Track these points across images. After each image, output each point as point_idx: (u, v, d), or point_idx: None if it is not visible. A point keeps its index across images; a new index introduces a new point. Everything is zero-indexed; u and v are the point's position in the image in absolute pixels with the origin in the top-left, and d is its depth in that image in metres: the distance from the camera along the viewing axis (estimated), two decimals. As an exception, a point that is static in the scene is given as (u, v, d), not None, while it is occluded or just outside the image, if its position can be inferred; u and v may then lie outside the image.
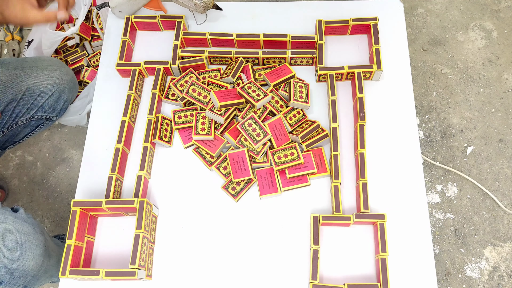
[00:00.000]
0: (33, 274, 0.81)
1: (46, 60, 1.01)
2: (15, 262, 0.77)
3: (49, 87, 0.97)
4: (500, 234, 1.20)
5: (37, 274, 0.82)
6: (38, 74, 0.97)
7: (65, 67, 1.03)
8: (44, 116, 1.01)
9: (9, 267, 0.76)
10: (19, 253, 0.77)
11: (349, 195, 0.75)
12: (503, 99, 1.35)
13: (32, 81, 0.95)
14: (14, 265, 0.77)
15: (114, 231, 0.75)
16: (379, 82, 0.83)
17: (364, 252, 0.71)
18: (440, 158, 1.29)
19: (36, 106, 0.97)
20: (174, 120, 0.80)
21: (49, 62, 1.01)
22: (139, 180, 0.74)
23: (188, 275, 0.72)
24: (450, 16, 1.47)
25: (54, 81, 0.98)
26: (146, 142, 0.76)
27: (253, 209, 0.75)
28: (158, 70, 0.82)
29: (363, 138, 0.75)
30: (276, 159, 0.74)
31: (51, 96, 0.98)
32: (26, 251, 0.78)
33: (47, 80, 0.97)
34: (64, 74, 1.00)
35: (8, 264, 0.76)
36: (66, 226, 1.25)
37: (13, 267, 0.76)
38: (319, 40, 0.82)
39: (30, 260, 0.79)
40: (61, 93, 1.00)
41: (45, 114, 1.00)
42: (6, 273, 0.76)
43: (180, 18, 0.86)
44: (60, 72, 1.00)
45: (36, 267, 0.81)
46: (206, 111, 0.77)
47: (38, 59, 1.01)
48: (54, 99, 0.99)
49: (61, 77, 0.99)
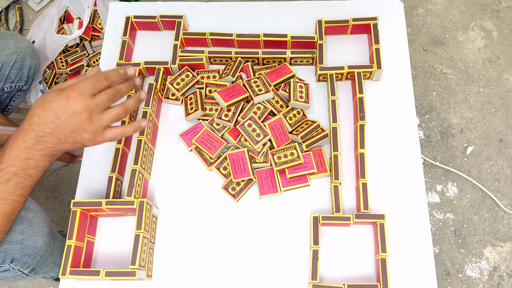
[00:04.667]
0: (41, 254, 0.80)
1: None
2: (26, 238, 0.75)
3: (9, 57, 0.98)
4: (500, 234, 1.20)
5: (44, 255, 0.81)
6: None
7: (18, 35, 1.04)
8: (13, 87, 1.02)
9: (20, 242, 0.74)
10: (29, 229, 0.76)
11: (349, 195, 0.75)
12: (503, 99, 1.35)
13: None
14: (25, 240, 0.75)
15: (114, 231, 0.75)
16: (379, 82, 0.83)
17: (364, 252, 0.71)
18: (440, 158, 1.29)
19: (2, 79, 0.98)
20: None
21: (2, 34, 1.02)
22: (132, 176, 0.73)
23: (188, 275, 0.72)
24: (450, 16, 1.47)
25: (12, 51, 0.99)
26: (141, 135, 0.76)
27: (253, 209, 0.75)
28: (158, 70, 0.82)
29: (363, 138, 0.75)
30: (276, 159, 0.74)
31: (13, 66, 0.99)
32: (35, 227, 0.77)
33: (4, 51, 0.98)
34: (19, 42, 1.01)
35: (19, 239, 0.74)
36: (66, 226, 1.25)
37: (24, 242, 0.75)
38: (319, 40, 0.82)
39: (39, 237, 0.78)
40: (23, 60, 1.01)
41: (13, 84, 1.01)
42: (18, 248, 0.74)
43: (180, 18, 0.86)
44: (15, 40, 1.01)
45: (44, 245, 0.79)
46: (215, 119, 0.78)
47: None
48: (18, 67, 1.00)
49: (17, 45, 1.00)
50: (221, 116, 0.77)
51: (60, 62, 1.35)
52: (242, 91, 0.78)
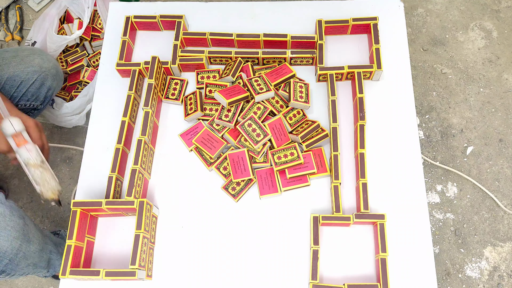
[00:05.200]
0: (10, 257, 0.80)
1: (26, 50, 1.01)
2: None
3: (30, 75, 0.97)
4: (500, 234, 1.20)
5: (14, 258, 0.81)
6: (18, 63, 0.97)
7: (46, 55, 1.03)
8: (28, 105, 1.01)
9: None
10: None
11: (349, 195, 0.75)
12: (503, 99, 1.35)
13: (12, 70, 0.96)
14: None
15: (114, 231, 0.75)
16: (379, 82, 0.83)
17: (364, 252, 0.71)
18: (440, 158, 1.29)
19: (19, 95, 0.97)
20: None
21: (30, 51, 1.01)
22: (132, 176, 0.73)
23: (188, 275, 0.72)
24: (450, 16, 1.47)
25: (34, 69, 0.98)
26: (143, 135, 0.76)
27: (253, 209, 0.75)
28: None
29: (363, 138, 0.75)
30: (276, 159, 0.74)
31: (33, 84, 0.98)
32: (0, 231, 0.78)
33: (27, 69, 0.97)
34: (44, 62, 1.00)
35: None
36: (66, 226, 1.25)
37: None
38: (319, 40, 0.82)
39: (4, 241, 0.79)
40: (43, 80, 1.00)
41: (28, 102, 1.00)
42: None
43: (180, 18, 0.86)
44: (41, 59, 1.00)
45: (12, 250, 0.80)
46: (215, 119, 0.77)
47: (19, 49, 1.01)
48: (37, 86, 0.99)
49: (41, 65, 0.99)
50: (221, 116, 0.77)
51: (60, 62, 1.35)
52: (242, 91, 0.78)
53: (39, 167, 0.76)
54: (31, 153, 0.76)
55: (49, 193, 0.77)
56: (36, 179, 0.76)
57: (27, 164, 0.76)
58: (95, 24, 1.35)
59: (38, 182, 0.76)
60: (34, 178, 0.76)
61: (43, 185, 0.77)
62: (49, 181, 0.77)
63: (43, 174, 0.76)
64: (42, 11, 1.56)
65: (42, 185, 0.76)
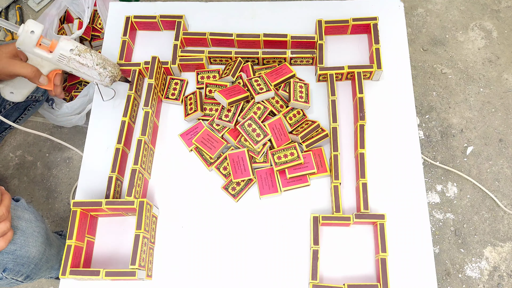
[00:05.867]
0: (36, 262, 0.80)
1: None
2: (18, 248, 0.76)
3: None
4: (500, 234, 1.20)
5: (39, 263, 0.81)
6: None
7: None
8: (29, 97, 1.02)
9: (12, 253, 0.75)
10: (21, 239, 0.76)
11: (349, 195, 0.75)
12: (503, 99, 1.35)
13: None
14: (17, 251, 0.76)
15: (114, 231, 0.75)
16: (379, 82, 0.83)
17: (364, 252, 0.71)
18: (440, 158, 1.29)
19: None
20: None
21: None
22: (132, 176, 0.73)
23: (188, 275, 0.72)
24: (450, 16, 1.47)
25: None
26: (143, 135, 0.76)
27: (253, 209, 0.75)
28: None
29: (363, 138, 0.75)
30: (276, 159, 0.74)
31: None
32: (29, 237, 0.78)
33: None
34: None
35: (11, 249, 0.75)
36: (66, 226, 1.25)
37: (16, 253, 0.76)
38: (319, 40, 0.82)
39: (32, 247, 0.78)
40: None
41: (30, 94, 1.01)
42: (10, 259, 0.75)
43: (180, 18, 0.86)
44: None
45: (38, 254, 0.80)
46: (215, 120, 0.77)
47: None
48: None
49: None
50: (221, 116, 0.77)
51: (60, 62, 1.35)
52: (242, 91, 0.78)
53: (89, 50, 0.71)
54: (71, 41, 0.69)
55: (116, 69, 0.75)
56: (99, 61, 0.71)
57: (80, 52, 0.69)
58: (95, 24, 1.35)
59: (100, 63, 0.71)
60: (95, 62, 0.70)
61: (107, 63, 0.72)
62: (107, 59, 0.73)
63: (98, 54, 0.72)
64: (42, 11, 1.56)
65: (106, 63, 0.72)
